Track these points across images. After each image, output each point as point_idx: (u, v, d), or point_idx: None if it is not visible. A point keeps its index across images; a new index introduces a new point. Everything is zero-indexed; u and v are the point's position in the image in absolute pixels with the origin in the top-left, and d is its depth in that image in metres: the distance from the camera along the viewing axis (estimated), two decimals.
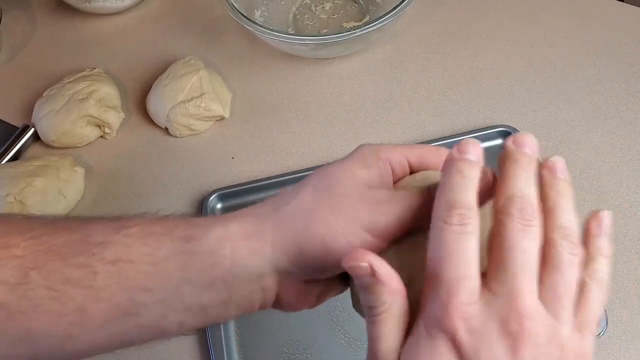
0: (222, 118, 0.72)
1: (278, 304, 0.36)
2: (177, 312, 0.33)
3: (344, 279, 0.36)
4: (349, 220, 0.32)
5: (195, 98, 0.70)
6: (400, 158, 0.35)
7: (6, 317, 0.32)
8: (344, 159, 0.35)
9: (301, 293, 0.36)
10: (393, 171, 0.35)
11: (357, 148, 0.36)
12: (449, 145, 0.33)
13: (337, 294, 0.38)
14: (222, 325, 0.57)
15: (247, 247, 0.33)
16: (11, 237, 0.33)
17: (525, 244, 0.28)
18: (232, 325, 0.58)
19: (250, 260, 0.33)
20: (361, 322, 0.32)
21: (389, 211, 0.32)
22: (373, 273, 0.29)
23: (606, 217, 0.31)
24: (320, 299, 0.37)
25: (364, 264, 0.29)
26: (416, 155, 0.35)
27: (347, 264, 0.29)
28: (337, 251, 0.32)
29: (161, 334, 0.34)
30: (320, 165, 0.65)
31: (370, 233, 0.32)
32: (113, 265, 0.32)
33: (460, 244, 0.27)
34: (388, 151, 0.35)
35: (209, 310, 0.34)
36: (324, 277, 0.35)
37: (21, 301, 0.32)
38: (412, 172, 0.36)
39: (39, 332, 0.32)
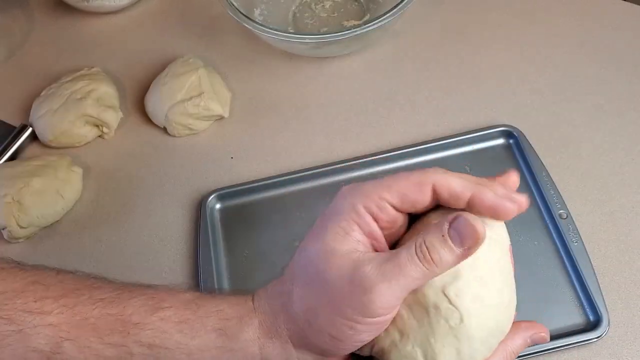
0: (221, 118, 0.72)
1: None
2: None
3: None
4: (348, 314, 0.32)
5: (195, 97, 0.69)
6: (379, 204, 0.34)
7: None
8: (322, 226, 0.34)
9: None
10: (377, 220, 0.34)
11: (333, 202, 0.35)
12: (449, 146, 0.33)
13: None
14: None
15: (273, 346, 0.35)
16: (45, 301, 0.34)
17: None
18: None
19: (277, 355, 0.35)
20: None
21: (382, 294, 0.32)
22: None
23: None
24: None
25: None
26: (397, 196, 0.34)
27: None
28: (346, 341, 0.33)
29: None
30: (320, 166, 0.66)
31: (370, 316, 0.32)
32: (149, 349, 0.34)
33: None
34: (365, 202, 0.34)
35: None
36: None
37: None
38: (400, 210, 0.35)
39: None
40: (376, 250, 0.34)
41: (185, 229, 0.64)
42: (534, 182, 0.62)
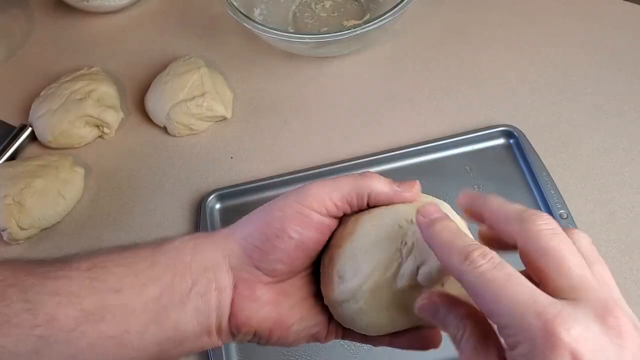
0: (223, 118, 0.72)
1: (256, 336, 0.37)
2: (139, 316, 0.34)
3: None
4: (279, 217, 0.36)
5: (197, 97, 0.69)
6: (326, 204, 0.36)
7: None
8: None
9: (278, 323, 0.37)
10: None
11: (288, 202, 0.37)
12: (449, 146, 0.32)
13: (322, 334, 0.39)
14: None
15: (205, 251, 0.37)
16: None
17: (565, 246, 0.28)
18: None
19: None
20: None
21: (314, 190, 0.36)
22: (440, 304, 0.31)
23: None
24: (299, 335, 0.38)
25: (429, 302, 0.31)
26: (339, 201, 0.36)
27: (421, 313, 0.32)
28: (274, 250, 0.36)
29: (121, 348, 0.35)
30: (320, 166, 0.66)
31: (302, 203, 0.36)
32: (88, 271, 0.34)
33: (500, 275, 0.27)
34: (313, 205, 0.36)
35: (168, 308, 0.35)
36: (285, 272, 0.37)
37: None
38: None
39: (8, 349, 0.32)
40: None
41: (185, 229, 0.64)
42: (534, 182, 0.62)
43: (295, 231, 0.35)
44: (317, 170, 0.66)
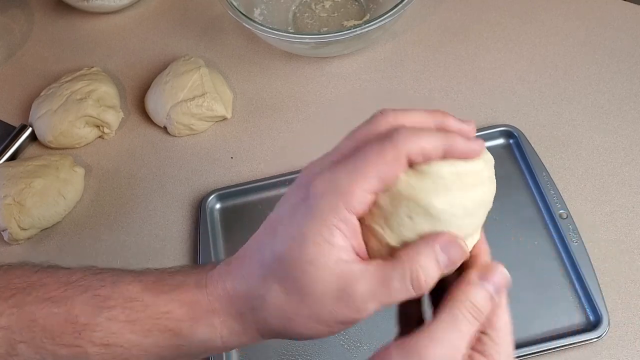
0: (223, 118, 0.72)
1: None
2: None
3: None
4: (331, 324, 0.32)
5: (197, 97, 0.69)
6: (362, 198, 0.31)
7: None
8: (299, 233, 0.32)
9: None
10: (359, 215, 0.32)
11: (306, 200, 0.32)
12: None
13: None
14: None
15: (239, 337, 0.35)
16: None
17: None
18: None
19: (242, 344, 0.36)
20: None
21: (370, 308, 0.32)
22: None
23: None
24: None
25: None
26: (376, 182, 0.31)
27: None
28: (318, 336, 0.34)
29: None
30: None
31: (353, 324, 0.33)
32: (105, 348, 0.34)
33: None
34: (347, 201, 0.31)
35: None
36: None
37: None
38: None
39: None
40: (355, 251, 0.32)
41: (185, 229, 0.64)
42: (534, 182, 0.62)
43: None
44: None
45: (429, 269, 0.31)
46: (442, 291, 0.33)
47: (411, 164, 0.32)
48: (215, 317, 0.35)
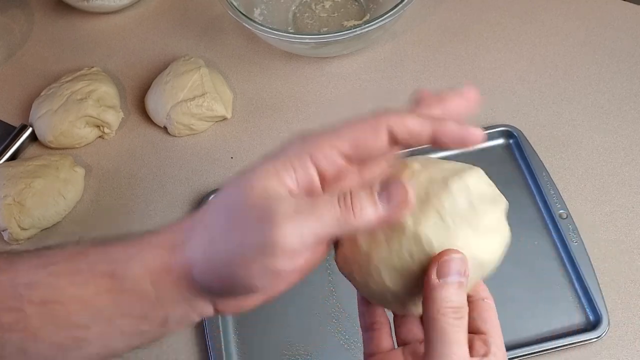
0: (223, 118, 0.72)
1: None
2: (119, 339, 0.34)
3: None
4: (248, 254, 0.30)
5: (198, 97, 0.69)
6: (329, 154, 0.31)
7: None
8: (251, 167, 0.32)
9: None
10: (323, 175, 0.32)
11: (278, 148, 0.33)
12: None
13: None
14: (220, 326, 0.56)
15: (167, 280, 0.33)
16: None
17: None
18: (230, 326, 0.57)
19: (172, 291, 0.33)
20: None
21: (287, 232, 0.29)
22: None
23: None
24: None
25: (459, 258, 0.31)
26: (349, 143, 0.31)
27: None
28: (240, 286, 0.31)
29: (112, 354, 0.35)
30: None
31: (271, 256, 0.29)
32: (43, 306, 0.33)
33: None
34: (314, 151, 0.31)
35: (150, 333, 0.35)
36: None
37: None
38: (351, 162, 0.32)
39: None
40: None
41: None
42: (534, 182, 0.62)
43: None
44: None
45: (361, 192, 0.30)
46: None
47: (397, 142, 0.32)
48: (146, 252, 0.33)
